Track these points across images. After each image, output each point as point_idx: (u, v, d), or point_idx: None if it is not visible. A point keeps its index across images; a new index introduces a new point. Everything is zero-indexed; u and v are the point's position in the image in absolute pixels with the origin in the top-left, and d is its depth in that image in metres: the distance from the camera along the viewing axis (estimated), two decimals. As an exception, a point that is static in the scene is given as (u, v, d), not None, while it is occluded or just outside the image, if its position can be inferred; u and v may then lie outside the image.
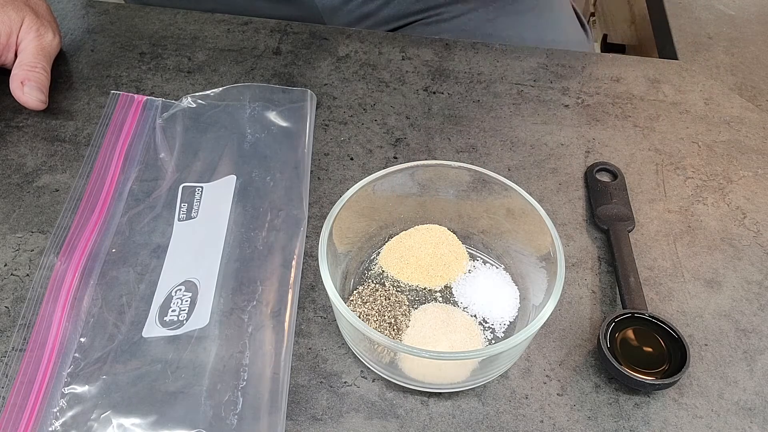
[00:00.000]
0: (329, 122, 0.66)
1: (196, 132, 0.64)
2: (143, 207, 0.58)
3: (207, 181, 0.60)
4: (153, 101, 0.66)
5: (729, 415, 0.48)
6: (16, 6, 0.65)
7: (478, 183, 0.54)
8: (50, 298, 0.51)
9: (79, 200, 0.58)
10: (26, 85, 0.63)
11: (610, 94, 0.71)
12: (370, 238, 0.55)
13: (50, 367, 0.48)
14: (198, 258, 0.55)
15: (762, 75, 0.74)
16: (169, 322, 0.50)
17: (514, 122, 0.67)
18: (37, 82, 0.64)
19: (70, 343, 0.49)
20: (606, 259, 0.57)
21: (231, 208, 0.58)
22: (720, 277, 0.56)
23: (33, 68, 0.64)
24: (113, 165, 0.61)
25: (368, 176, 0.53)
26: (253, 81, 0.70)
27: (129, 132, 0.64)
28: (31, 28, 0.65)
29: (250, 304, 0.52)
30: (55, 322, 0.50)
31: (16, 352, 0.49)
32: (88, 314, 0.51)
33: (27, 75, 0.63)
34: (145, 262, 0.54)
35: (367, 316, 0.50)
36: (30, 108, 0.64)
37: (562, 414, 0.48)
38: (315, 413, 0.47)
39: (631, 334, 0.50)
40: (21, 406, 0.46)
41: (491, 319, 0.51)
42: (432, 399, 0.48)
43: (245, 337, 0.50)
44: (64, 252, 0.54)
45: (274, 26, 0.76)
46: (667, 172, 0.64)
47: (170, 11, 0.77)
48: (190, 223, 0.57)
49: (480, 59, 0.74)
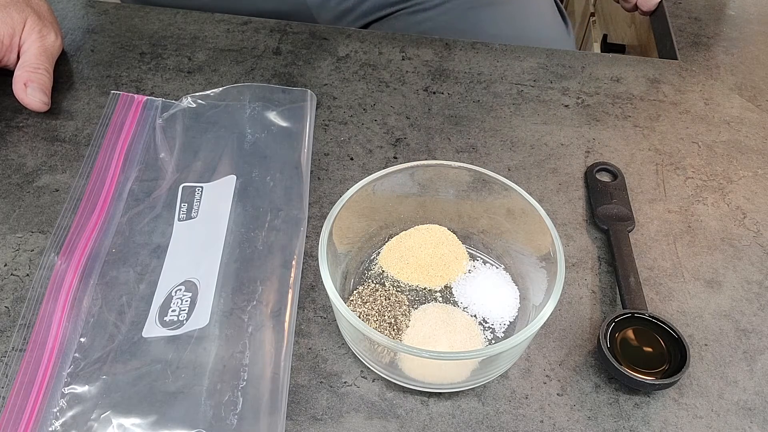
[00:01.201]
0: (329, 122, 0.66)
1: (196, 132, 0.64)
2: (143, 207, 0.58)
3: (207, 181, 0.60)
4: (153, 101, 0.66)
5: (729, 415, 0.48)
6: (19, 7, 0.65)
7: (478, 183, 0.54)
8: (50, 298, 0.51)
9: (79, 200, 0.58)
10: (29, 87, 0.63)
11: (610, 94, 0.71)
12: (370, 238, 0.55)
13: (50, 367, 0.48)
14: (198, 258, 0.55)
15: (762, 75, 0.74)
16: (169, 322, 0.50)
17: (514, 122, 0.67)
18: (40, 84, 0.64)
19: (70, 343, 0.49)
20: (606, 259, 0.57)
21: (231, 208, 0.58)
22: (720, 277, 0.56)
23: (36, 70, 0.64)
24: (113, 165, 0.61)
25: (368, 176, 0.53)
26: (253, 81, 0.70)
27: (129, 132, 0.64)
28: (33, 30, 0.65)
29: (250, 304, 0.52)
30: (55, 322, 0.50)
31: (16, 352, 0.49)
32: (88, 314, 0.51)
33: (30, 76, 0.63)
34: (145, 262, 0.54)
35: (367, 316, 0.50)
36: (33, 109, 0.64)
37: (562, 414, 0.48)
38: (315, 413, 0.47)
39: (631, 334, 0.50)
40: (21, 406, 0.46)
41: (491, 319, 0.51)
42: (432, 399, 0.48)
43: (245, 337, 0.50)
44: (64, 252, 0.54)
45: (274, 26, 0.76)
46: (667, 172, 0.64)
47: (170, 11, 0.77)
48: (190, 223, 0.57)
49: (480, 59, 0.74)
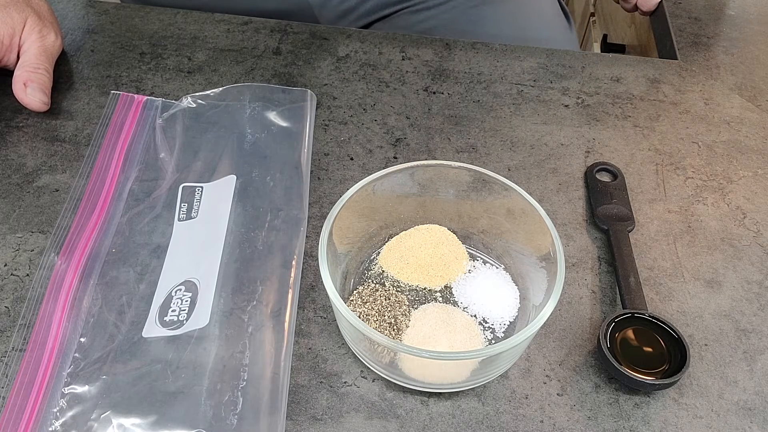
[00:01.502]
0: (329, 122, 0.66)
1: (196, 132, 0.64)
2: (143, 207, 0.58)
3: (207, 181, 0.60)
4: (153, 101, 0.66)
5: (729, 415, 0.48)
6: (19, 7, 0.65)
7: (478, 183, 0.54)
8: (50, 298, 0.51)
9: (79, 200, 0.58)
10: (29, 87, 0.63)
11: (610, 94, 0.71)
12: (370, 238, 0.55)
13: (50, 367, 0.48)
14: (198, 258, 0.55)
15: (762, 75, 0.74)
16: (169, 322, 0.50)
17: (514, 122, 0.67)
18: (40, 84, 0.64)
19: (70, 343, 0.49)
20: (606, 259, 0.57)
21: (231, 208, 0.58)
22: (720, 277, 0.56)
23: (36, 69, 0.64)
24: (113, 165, 0.61)
25: (368, 176, 0.53)
26: (253, 81, 0.70)
27: (129, 132, 0.64)
28: (33, 29, 0.65)
29: (250, 304, 0.52)
30: (55, 322, 0.50)
31: (16, 352, 0.49)
32: (88, 314, 0.51)
33: (30, 76, 0.63)
34: (145, 262, 0.54)
35: (367, 316, 0.50)
36: (32, 109, 0.64)
37: (562, 414, 0.48)
38: (315, 413, 0.47)
39: (631, 334, 0.50)
40: (21, 406, 0.46)
41: (491, 319, 0.51)
42: (432, 399, 0.48)
43: (245, 337, 0.50)
44: (64, 252, 0.54)
45: (274, 26, 0.76)
46: (667, 172, 0.64)
47: (170, 11, 0.77)
48: (190, 223, 0.57)
49: (480, 59, 0.74)
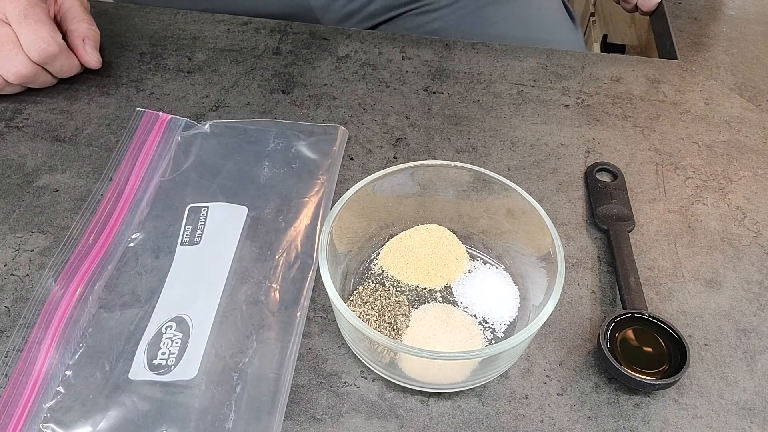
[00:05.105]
0: (329, 122, 0.66)
1: (213, 157, 0.61)
2: (149, 231, 0.56)
3: (213, 200, 0.57)
4: (177, 120, 0.64)
5: (729, 415, 0.48)
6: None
7: (478, 183, 0.54)
8: (42, 323, 0.49)
9: (89, 221, 0.56)
10: (87, 44, 0.61)
11: (610, 94, 0.71)
12: (370, 238, 0.55)
13: (32, 398, 0.46)
14: (195, 292, 0.52)
15: (762, 75, 0.74)
16: (157, 365, 0.48)
17: (514, 122, 0.67)
18: (95, 41, 0.62)
19: (54, 374, 0.47)
20: (606, 259, 0.57)
21: (238, 244, 0.55)
22: (720, 277, 0.56)
23: (91, 25, 0.62)
24: (128, 187, 0.58)
25: (368, 176, 0.53)
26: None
27: (148, 153, 0.61)
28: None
29: (242, 362, 0.49)
30: (43, 350, 0.48)
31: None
32: (78, 345, 0.48)
33: (87, 32, 0.61)
34: (143, 288, 0.52)
35: (367, 316, 0.50)
36: (90, 67, 0.62)
37: (562, 414, 0.48)
38: (315, 413, 0.47)
39: (631, 334, 0.50)
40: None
41: (491, 319, 0.51)
42: (432, 399, 0.48)
43: (232, 397, 0.47)
44: (63, 277, 0.52)
45: (274, 26, 0.76)
46: (667, 172, 0.64)
47: (170, 11, 0.77)
48: (192, 249, 0.54)
49: (480, 59, 0.74)
